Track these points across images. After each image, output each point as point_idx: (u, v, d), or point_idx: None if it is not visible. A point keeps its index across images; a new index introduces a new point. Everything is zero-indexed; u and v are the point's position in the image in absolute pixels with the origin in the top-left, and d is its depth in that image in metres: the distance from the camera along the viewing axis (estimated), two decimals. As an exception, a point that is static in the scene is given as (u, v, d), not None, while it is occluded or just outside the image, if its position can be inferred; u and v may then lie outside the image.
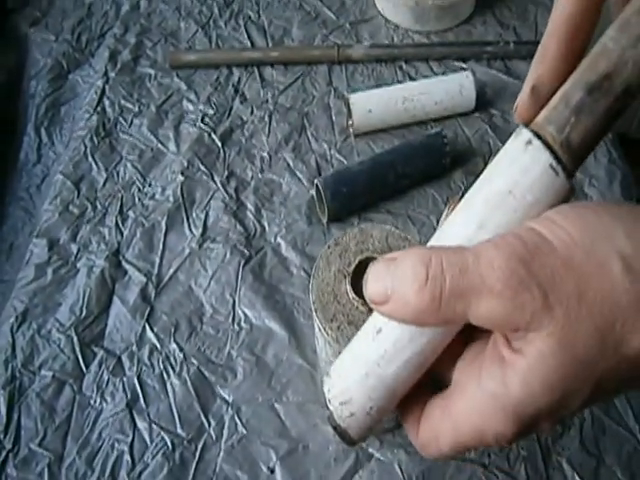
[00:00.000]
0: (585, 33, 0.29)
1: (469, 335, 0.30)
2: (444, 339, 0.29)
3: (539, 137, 0.27)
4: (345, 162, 0.70)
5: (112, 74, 0.80)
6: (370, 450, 0.51)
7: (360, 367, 0.30)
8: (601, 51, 0.26)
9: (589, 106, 0.26)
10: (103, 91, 0.78)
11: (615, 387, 0.26)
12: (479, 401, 0.27)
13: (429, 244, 0.30)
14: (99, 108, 0.76)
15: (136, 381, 0.54)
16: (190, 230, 0.64)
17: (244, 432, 0.52)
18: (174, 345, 0.56)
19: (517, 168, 0.27)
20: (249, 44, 0.84)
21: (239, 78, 0.79)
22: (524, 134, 0.28)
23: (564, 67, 0.29)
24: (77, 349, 0.56)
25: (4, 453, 0.50)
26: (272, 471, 0.50)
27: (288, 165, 0.70)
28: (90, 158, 0.71)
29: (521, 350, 0.25)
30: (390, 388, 0.30)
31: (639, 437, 0.50)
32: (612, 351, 0.24)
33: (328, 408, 0.32)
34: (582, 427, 0.51)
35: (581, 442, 0.51)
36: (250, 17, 0.87)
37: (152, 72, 0.80)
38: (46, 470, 0.50)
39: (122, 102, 0.77)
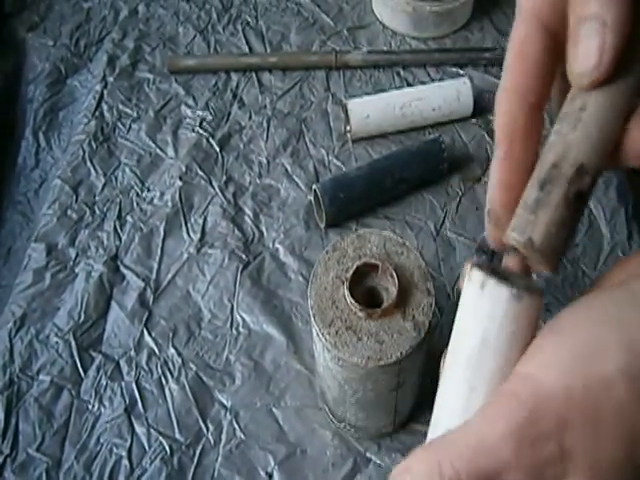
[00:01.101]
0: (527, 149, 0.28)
1: None
2: None
3: (492, 273, 0.27)
4: (343, 168, 0.70)
5: (110, 79, 0.80)
6: (368, 454, 0.51)
7: None
8: (547, 147, 0.26)
9: (544, 200, 0.26)
10: (101, 96, 0.78)
11: None
12: None
13: (433, 418, 0.29)
14: (97, 113, 0.76)
15: (134, 386, 0.54)
16: (188, 235, 0.64)
17: (242, 437, 0.52)
18: (172, 350, 0.56)
19: (481, 316, 0.27)
20: (247, 49, 0.84)
21: (237, 83, 0.80)
22: (475, 277, 0.27)
23: (516, 180, 0.28)
24: (75, 354, 0.56)
25: (2, 458, 0.50)
26: (270, 476, 0.50)
27: (286, 170, 0.70)
28: (88, 163, 0.71)
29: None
30: None
31: None
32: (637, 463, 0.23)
33: None
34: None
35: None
36: (248, 22, 0.87)
37: (150, 77, 0.80)
38: (44, 475, 0.50)
39: (120, 107, 0.77)
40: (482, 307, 0.26)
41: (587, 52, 0.23)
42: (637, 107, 0.25)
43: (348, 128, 0.72)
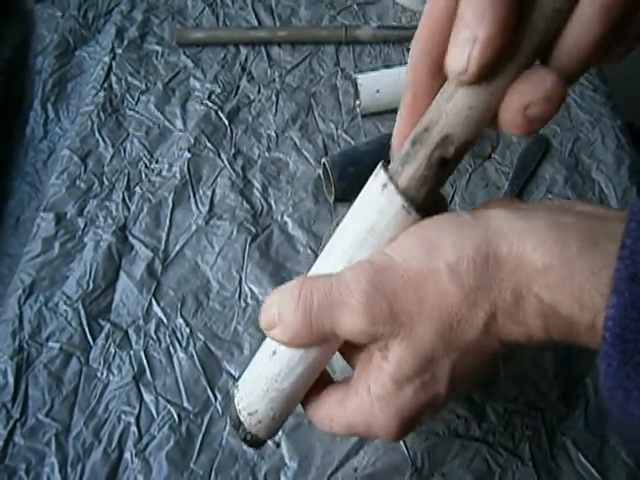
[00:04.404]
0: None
1: None
2: (329, 351, 0.34)
3: (392, 181, 0.30)
4: (352, 142, 0.70)
5: (119, 51, 0.79)
6: (375, 426, 0.51)
7: (261, 384, 0.35)
8: (428, 110, 0.30)
9: (412, 156, 0.30)
10: (110, 67, 0.78)
11: (469, 373, 0.30)
12: (368, 403, 0.32)
13: (310, 273, 0.34)
14: (106, 84, 0.76)
15: (143, 355, 0.55)
16: (197, 207, 0.64)
17: (250, 406, 0.52)
18: (181, 320, 0.56)
19: (376, 209, 0.31)
20: (256, 23, 0.83)
21: (246, 57, 0.79)
22: (381, 177, 0.31)
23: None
24: (84, 322, 0.56)
25: (12, 422, 0.50)
26: (278, 445, 0.50)
27: (295, 144, 0.70)
28: (97, 134, 0.70)
29: (387, 357, 0.30)
30: (288, 397, 0.35)
31: (642, 418, 0.51)
32: (454, 344, 0.29)
33: (239, 418, 0.36)
34: (587, 408, 0.52)
35: (586, 423, 0.51)
36: (258, -4, 0.86)
37: (159, 49, 0.80)
38: (53, 440, 0.50)
39: (129, 79, 0.76)
40: (379, 203, 0.30)
41: (457, 57, 0.26)
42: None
43: (358, 103, 0.72)
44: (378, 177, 0.31)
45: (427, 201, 0.30)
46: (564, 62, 0.27)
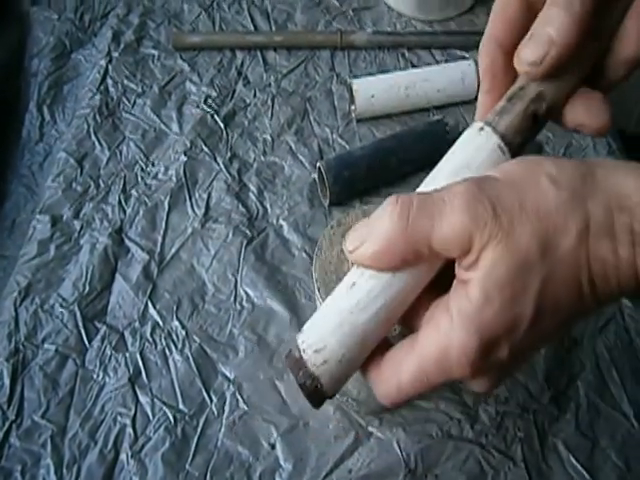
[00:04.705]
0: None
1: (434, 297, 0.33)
2: (412, 290, 0.32)
3: (489, 125, 0.34)
4: (347, 147, 0.71)
5: (115, 54, 0.80)
6: (370, 428, 0.51)
7: (335, 316, 0.33)
8: (517, 80, 0.34)
9: (509, 109, 0.34)
10: (106, 71, 0.78)
11: (555, 309, 0.29)
12: (445, 322, 0.30)
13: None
14: (102, 87, 0.76)
15: (138, 357, 0.55)
16: (193, 210, 0.65)
17: (245, 408, 0.52)
18: (176, 322, 0.57)
19: (472, 147, 0.34)
20: (252, 28, 0.84)
21: (242, 61, 0.80)
22: (478, 124, 0.34)
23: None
24: (80, 324, 0.56)
25: (7, 424, 0.51)
26: (273, 447, 0.50)
27: (290, 148, 0.70)
28: (93, 137, 0.71)
29: (477, 265, 0.29)
30: (361, 336, 0.32)
31: (633, 421, 0.52)
32: (548, 252, 0.28)
33: (301, 357, 0.33)
34: (578, 411, 0.52)
35: (577, 425, 0.52)
36: (253, 1, 0.87)
37: (155, 53, 0.80)
38: (49, 441, 0.50)
39: (125, 82, 0.77)
40: (476, 142, 0.34)
41: (533, 52, 0.32)
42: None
43: (353, 108, 0.73)
44: (474, 126, 0.34)
45: (518, 153, 0.33)
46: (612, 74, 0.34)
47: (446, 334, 0.30)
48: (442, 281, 0.32)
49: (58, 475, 0.49)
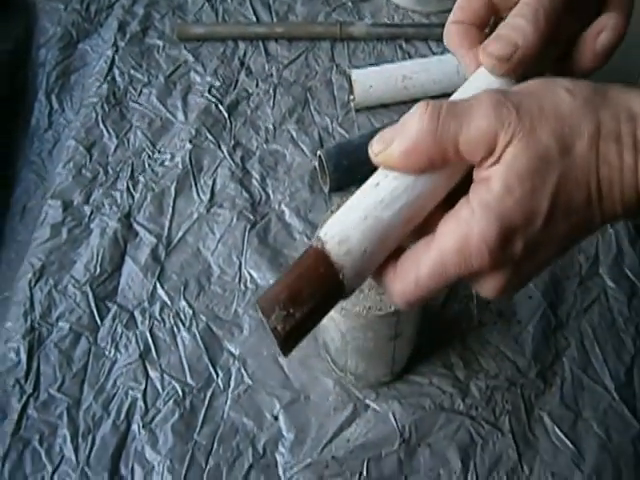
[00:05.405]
0: None
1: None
2: (432, 196, 0.33)
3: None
4: (346, 135, 0.73)
5: (121, 44, 0.82)
6: (367, 401, 0.54)
7: (359, 211, 0.33)
8: None
9: None
10: (113, 61, 0.80)
11: (567, 205, 0.31)
12: (466, 213, 0.31)
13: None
14: (109, 77, 0.79)
15: (148, 334, 0.58)
16: (198, 196, 0.68)
17: (250, 383, 0.55)
18: (184, 302, 0.60)
19: (481, 79, 0.36)
20: (254, 19, 0.86)
21: (245, 52, 0.82)
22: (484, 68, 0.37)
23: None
24: (92, 304, 0.59)
25: (25, 397, 0.54)
26: (276, 418, 0.54)
27: (292, 137, 0.73)
28: (101, 125, 0.73)
29: (499, 161, 0.31)
30: (383, 232, 0.33)
31: (614, 394, 0.55)
32: (565, 151, 0.30)
33: (324, 248, 0.33)
34: (562, 385, 0.55)
35: (561, 398, 0.55)
36: (255, -7, 0.89)
37: (160, 43, 0.83)
38: (65, 413, 0.53)
39: (131, 72, 0.79)
40: (483, 74, 0.36)
41: (500, 49, 0.34)
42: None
43: (352, 97, 0.75)
44: (482, 68, 0.36)
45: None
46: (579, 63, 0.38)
47: (467, 223, 0.31)
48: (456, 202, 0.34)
49: (74, 444, 0.52)
